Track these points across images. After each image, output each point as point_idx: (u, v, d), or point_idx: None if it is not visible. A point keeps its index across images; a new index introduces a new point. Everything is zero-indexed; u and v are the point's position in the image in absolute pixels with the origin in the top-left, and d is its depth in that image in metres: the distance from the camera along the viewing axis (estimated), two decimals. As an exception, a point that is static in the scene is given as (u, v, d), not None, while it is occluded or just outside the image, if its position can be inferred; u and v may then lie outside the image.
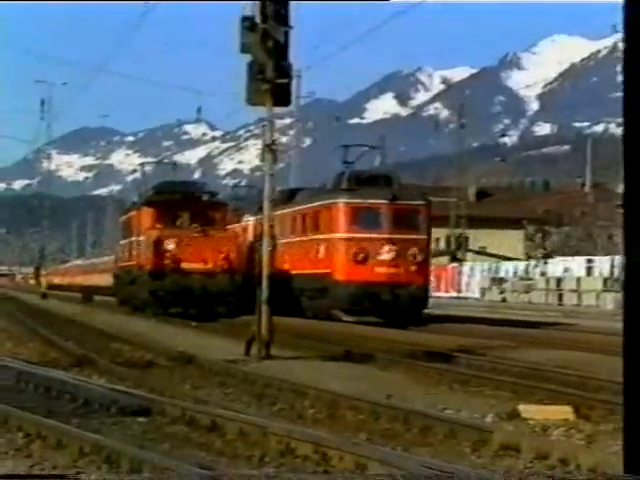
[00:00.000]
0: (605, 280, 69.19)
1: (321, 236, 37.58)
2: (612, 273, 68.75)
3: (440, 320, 36.01)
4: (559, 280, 74.72)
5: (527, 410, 13.69)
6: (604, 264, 72.01)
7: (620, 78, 24.78)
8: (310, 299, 38.54)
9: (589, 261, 75.41)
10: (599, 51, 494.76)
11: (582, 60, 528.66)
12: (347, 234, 36.03)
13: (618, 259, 68.76)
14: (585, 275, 72.62)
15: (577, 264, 74.44)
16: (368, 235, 35.72)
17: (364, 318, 34.65)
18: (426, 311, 37.18)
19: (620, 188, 78.46)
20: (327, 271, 36.50)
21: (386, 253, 35.24)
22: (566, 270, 70.63)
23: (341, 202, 36.32)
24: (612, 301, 63.53)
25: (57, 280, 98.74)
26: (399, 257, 35.32)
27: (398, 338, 26.90)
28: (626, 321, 6.27)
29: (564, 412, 13.62)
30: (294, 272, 39.84)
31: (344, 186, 36.97)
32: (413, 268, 35.50)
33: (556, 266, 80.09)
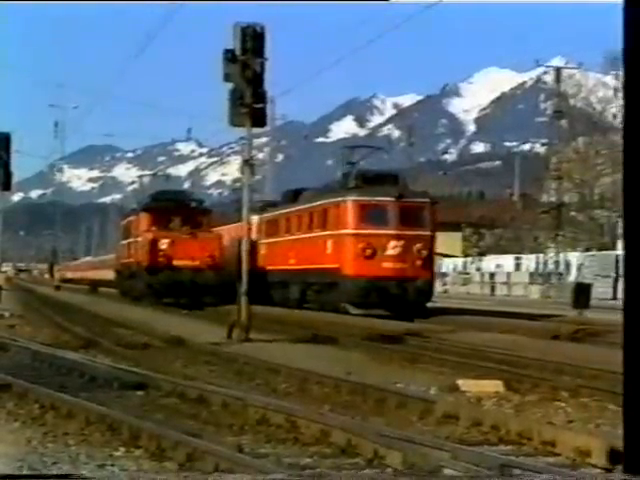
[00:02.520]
0: (531, 274, 69.46)
1: (329, 232, 34.30)
2: (537, 268, 69.01)
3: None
4: (492, 274, 74.95)
5: (465, 384, 13.70)
6: (530, 261, 72.30)
7: (543, 106, 25.14)
8: (317, 293, 35.50)
9: (517, 258, 75.70)
10: (525, 82, 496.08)
11: (511, 89, 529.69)
12: (356, 230, 32.87)
13: (542, 257, 69.02)
14: (514, 270, 72.88)
15: (507, 261, 74.71)
16: (376, 231, 32.61)
17: (371, 311, 31.47)
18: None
19: (543, 198, 78.77)
20: (336, 266, 33.35)
21: (393, 248, 32.27)
22: (498, 266, 70.81)
23: (350, 199, 33.12)
24: (537, 292, 63.77)
25: (69, 275, 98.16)
26: (405, 252, 32.35)
27: (358, 323, 26.87)
28: (626, 321, 5.80)
29: (496, 386, 13.63)
30: (300, 267, 36.82)
31: (351, 184, 34.00)
32: (419, 263, 32.61)
33: (489, 262, 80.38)
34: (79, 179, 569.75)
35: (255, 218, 41.76)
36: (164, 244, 41.56)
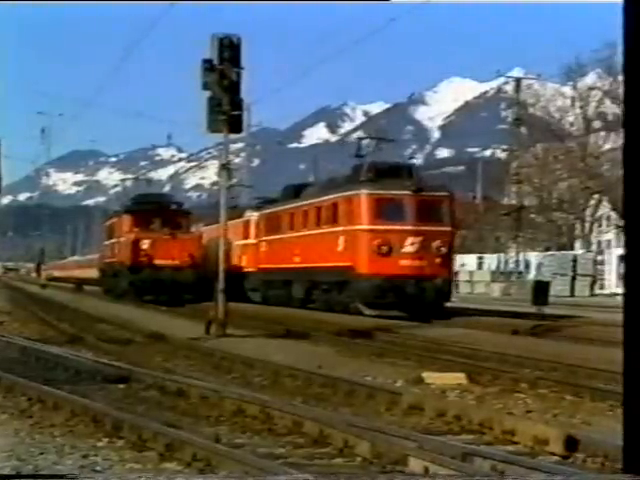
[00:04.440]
0: (492, 273, 69.61)
1: (340, 228, 30.59)
2: (498, 267, 69.20)
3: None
4: (456, 272, 75.00)
5: (429, 376, 13.73)
6: (492, 260, 72.47)
7: (503, 114, 25.09)
8: (325, 292, 32.01)
9: (480, 258, 75.84)
10: (487, 91, 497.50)
11: (474, 98, 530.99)
12: (370, 226, 29.25)
13: (503, 256, 69.24)
14: (477, 269, 73.00)
15: (470, 260, 74.83)
16: (392, 227, 29.06)
17: (386, 312, 28.37)
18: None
19: (504, 200, 79.04)
20: (348, 264, 29.71)
21: (410, 245, 28.80)
22: (462, 265, 70.90)
23: (363, 193, 29.45)
24: (498, 289, 63.93)
25: (56, 273, 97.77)
26: (423, 249, 28.91)
27: (328, 319, 26.88)
28: (626, 321, 5.66)
29: (459, 378, 13.67)
30: (306, 265, 33.34)
31: (363, 177, 30.27)
32: (438, 261, 29.17)
33: (454, 261, 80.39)
34: (65, 183, 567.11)
35: (254, 215, 40.86)
36: (145, 244, 41.49)
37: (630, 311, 5.60)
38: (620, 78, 67.60)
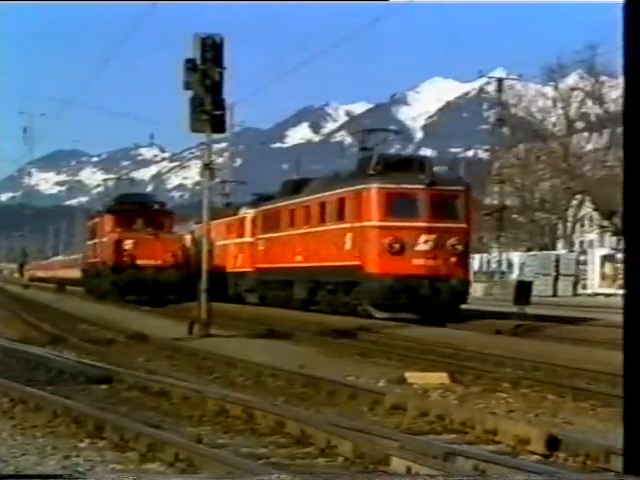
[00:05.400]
0: (475, 273, 69.66)
1: (347, 225, 28.51)
2: (481, 267, 69.31)
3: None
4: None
5: (412, 376, 13.73)
6: (474, 260, 72.51)
7: (485, 114, 25.14)
8: (330, 293, 29.92)
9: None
10: (468, 92, 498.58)
11: (456, 98, 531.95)
12: (381, 222, 27.28)
13: (486, 256, 69.35)
14: (459, 268, 72.99)
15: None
16: (404, 223, 27.09)
17: (398, 314, 26.71)
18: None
19: (486, 201, 79.12)
20: (356, 263, 27.72)
21: (424, 243, 26.89)
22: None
23: (374, 187, 27.48)
24: (481, 289, 64.03)
25: (39, 274, 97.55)
26: (438, 248, 26.99)
27: (311, 319, 26.87)
28: (626, 322, 5.55)
29: (441, 378, 13.68)
30: (309, 264, 31.28)
31: (372, 171, 28.03)
32: (453, 260, 27.22)
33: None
34: (47, 182, 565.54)
35: (250, 212, 39.11)
36: (128, 244, 41.44)
37: (630, 311, 5.52)
38: (602, 79, 67.91)
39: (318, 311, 29.73)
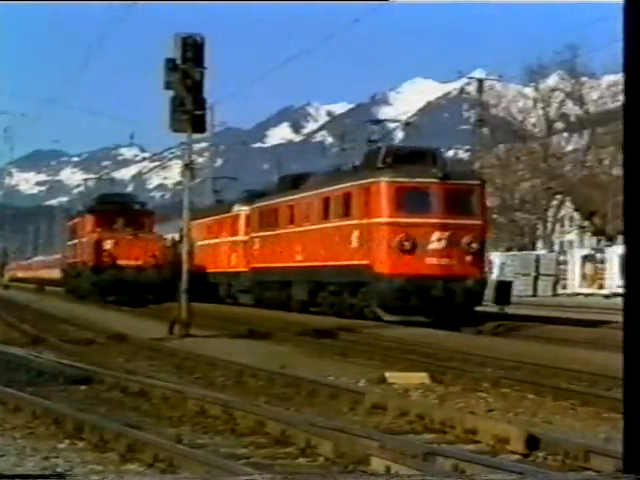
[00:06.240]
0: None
1: (354, 222, 26.66)
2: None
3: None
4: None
5: (392, 376, 13.75)
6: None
7: (466, 114, 25.29)
8: (334, 294, 28.17)
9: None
10: (449, 92, 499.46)
11: (436, 99, 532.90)
12: (391, 219, 25.49)
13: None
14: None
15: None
16: (416, 220, 25.39)
17: (409, 317, 25.05)
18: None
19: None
20: (363, 262, 25.90)
21: (437, 241, 25.20)
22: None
23: (383, 181, 25.67)
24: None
25: (19, 274, 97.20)
26: (453, 246, 25.28)
27: (292, 319, 26.84)
28: (626, 323, 5.51)
29: (421, 377, 13.70)
30: (310, 263, 29.51)
31: (381, 164, 26.29)
32: (468, 258, 25.46)
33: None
34: (27, 182, 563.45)
35: (243, 209, 37.61)
36: (108, 244, 41.34)
37: (630, 312, 5.48)
38: (582, 79, 68.07)
39: (319, 313, 28.27)
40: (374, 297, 25.73)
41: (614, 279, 48.55)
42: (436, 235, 25.32)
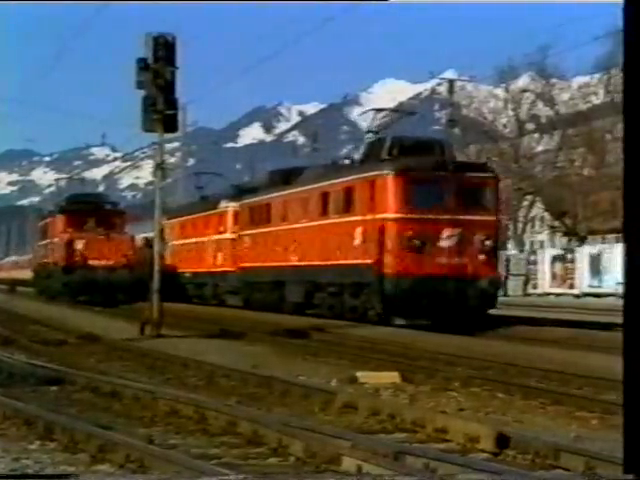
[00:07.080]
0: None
1: (357, 218, 24.88)
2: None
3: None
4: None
5: (363, 376, 13.76)
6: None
7: (437, 115, 25.45)
8: (333, 296, 26.52)
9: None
10: (420, 93, 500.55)
11: (408, 99, 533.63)
12: (399, 214, 23.66)
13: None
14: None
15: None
16: (426, 216, 23.64)
17: (418, 321, 23.67)
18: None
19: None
20: (368, 261, 24.06)
21: (449, 238, 23.56)
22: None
23: (390, 174, 23.77)
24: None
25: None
26: (465, 243, 23.66)
27: (264, 319, 26.82)
28: (626, 323, 5.45)
29: (392, 377, 13.71)
30: (306, 263, 27.92)
31: (386, 155, 24.64)
32: (482, 257, 23.80)
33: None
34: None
35: (231, 206, 36.08)
36: (79, 244, 41.22)
37: (630, 313, 5.43)
38: (553, 81, 68.39)
39: (316, 316, 26.71)
40: (379, 299, 24.06)
41: (584, 279, 48.84)
42: (447, 232, 23.74)
